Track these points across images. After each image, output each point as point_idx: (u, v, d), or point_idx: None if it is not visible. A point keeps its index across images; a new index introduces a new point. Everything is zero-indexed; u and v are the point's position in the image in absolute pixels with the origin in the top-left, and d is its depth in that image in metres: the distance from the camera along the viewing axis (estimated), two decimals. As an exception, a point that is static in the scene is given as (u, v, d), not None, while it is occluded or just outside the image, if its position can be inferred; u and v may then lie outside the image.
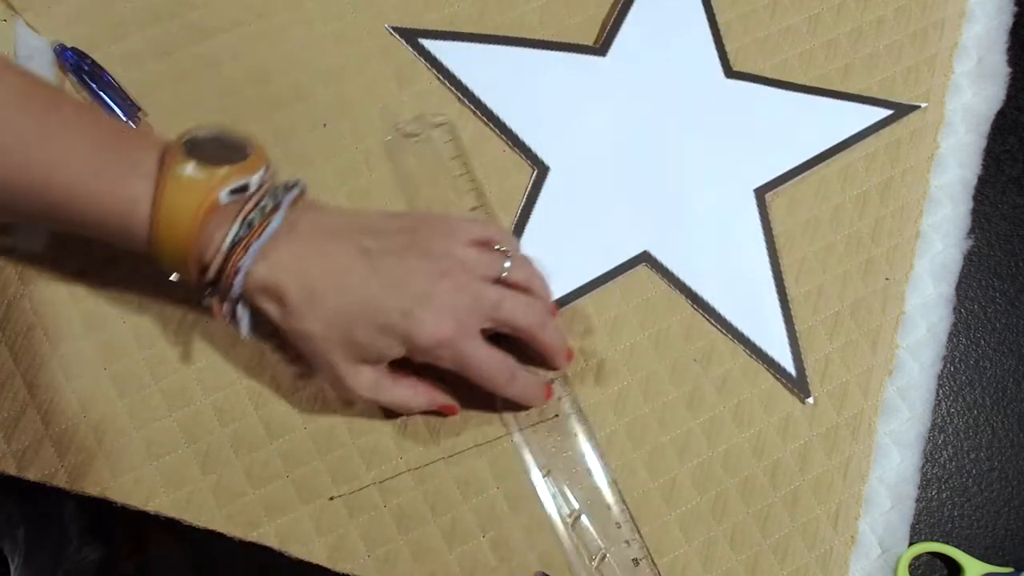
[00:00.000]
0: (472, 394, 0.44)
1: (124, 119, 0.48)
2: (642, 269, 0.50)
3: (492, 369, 0.42)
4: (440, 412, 0.46)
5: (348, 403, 0.46)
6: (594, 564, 0.45)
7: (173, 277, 0.41)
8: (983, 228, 0.54)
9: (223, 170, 0.38)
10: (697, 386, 0.49)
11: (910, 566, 0.48)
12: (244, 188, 0.38)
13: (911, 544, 0.48)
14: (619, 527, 0.46)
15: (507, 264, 0.43)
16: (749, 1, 0.55)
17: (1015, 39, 0.56)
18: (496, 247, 0.43)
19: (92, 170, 0.38)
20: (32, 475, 0.44)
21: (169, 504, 0.44)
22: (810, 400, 0.49)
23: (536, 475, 0.46)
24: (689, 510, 0.47)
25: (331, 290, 0.39)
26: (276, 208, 0.39)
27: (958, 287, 0.52)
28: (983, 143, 0.55)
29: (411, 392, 0.44)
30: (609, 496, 0.46)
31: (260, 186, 0.39)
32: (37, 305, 0.46)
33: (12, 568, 0.51)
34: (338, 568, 0.44)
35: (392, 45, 0.52)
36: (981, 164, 0.54)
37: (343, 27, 0.52)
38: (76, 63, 0.48)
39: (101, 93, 0.48)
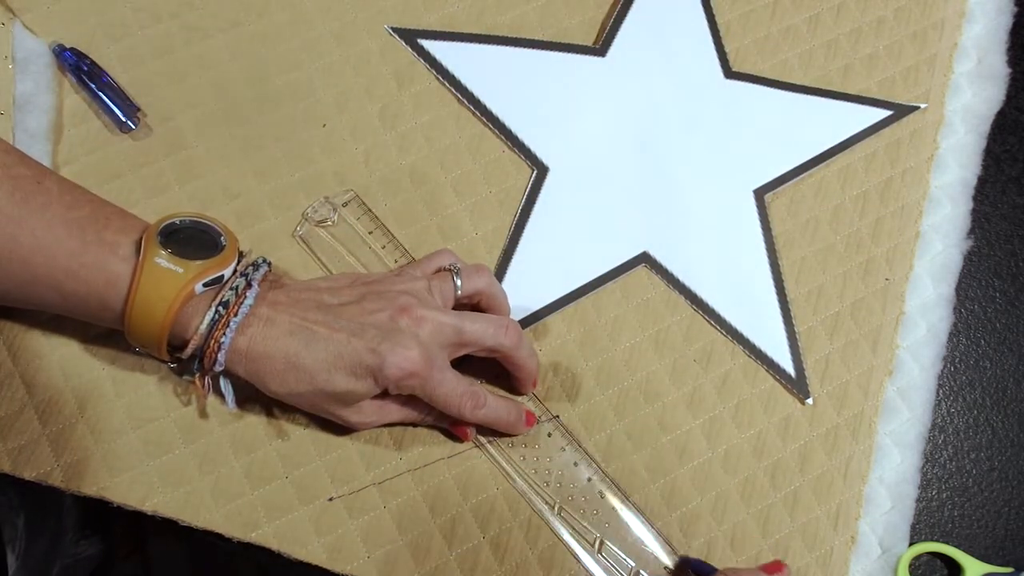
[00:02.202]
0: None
1: (124, 119, 0.48)
2: (641, 270, 0.50)
3: (457, 397, 0.43)
4: (457, 434, 0.47)
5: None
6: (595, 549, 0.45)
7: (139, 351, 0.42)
8: (983, 228, 0.54)
9: (198, 264, 0.40)
10: (697, 387, 0.49)
11: (910, 566, 0.48)
12: (219, 279, 0.41)
13: (911, 544, 0.48)
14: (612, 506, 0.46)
15: (458, 282, 0.44)
16: (749, 1, 0.55)
17: (1015, 40, 0.56)
18: (447, 266, 0.45)
19: (69, 252, 0.39)
20: (28, 474, 0.44)
21: (167, 504, 0.44)
22: (809, 401, 0.49)
23: (521, 485, 0.46)
24: (689, 511, 0.47)
25: (305, 351, 0.40)
26: (248, 285, 0.41)
27: (958, 287, 0.52)
28: (983, 143, 0.55)
29: (413, 409, 0.45)
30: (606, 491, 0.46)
31: (233, 272, 0.41)
32: (36, 305, 0.46)
33: (12, 556, 0.51)
34: (337, 569, 0.44)
35: (391, 45, 0.52)
36: (981, 164, 0.54)
37: (342, 27, 0.52)
38: (75, 63, 0.48)
39: (100, 93, 0.48)
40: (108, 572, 0.61)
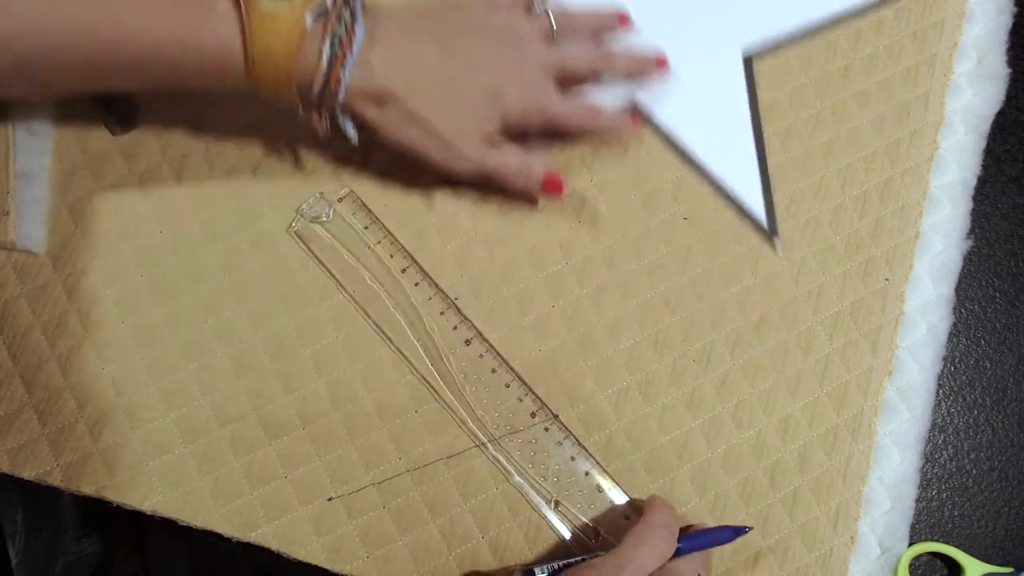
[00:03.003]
0: None
1: (123, 118, 0.48)
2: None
3: (576, 114, 0.47)
4: (547, 189, 0.48)
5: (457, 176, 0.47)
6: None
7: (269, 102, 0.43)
8: (983, 228, 0.54)
9: None
10: (697, 387, 0.49)
11: (910, 566, 0.48)
12: (323, 11, 0.41)
13: (911, 544, 0.48)
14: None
15: (554, 26, 0.48)
16: (748, 1, 0.55)
17: (1015, 40, 0.56)
18: (536, 8, 0.48)
19: (173, 21, 0.40)
20: (27, 474, 0.44)
21: (166, 504, 0.44)
22: (778, 240, 0.50)
23: (519, 482, 0.46)
24: (688, 511, 0.47)
25: (423, 83, 0.43)
26: (354, 18, 0.42)
27: (958, 287, 0.52)
28: (983, 143, 0.54)
29: (518, 157, 0.47)
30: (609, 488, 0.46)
31: (334, 3, 0.41)
32: (35, 305, 0.46)
33: (12, 551, 0.51)
34: (337, 569, 0.44)
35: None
36: (981, 164, 0.54)
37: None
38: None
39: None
40: (109, 571, 0.61)
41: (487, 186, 0.50)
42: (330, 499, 0.45)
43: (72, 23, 0.39)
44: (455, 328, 0.48)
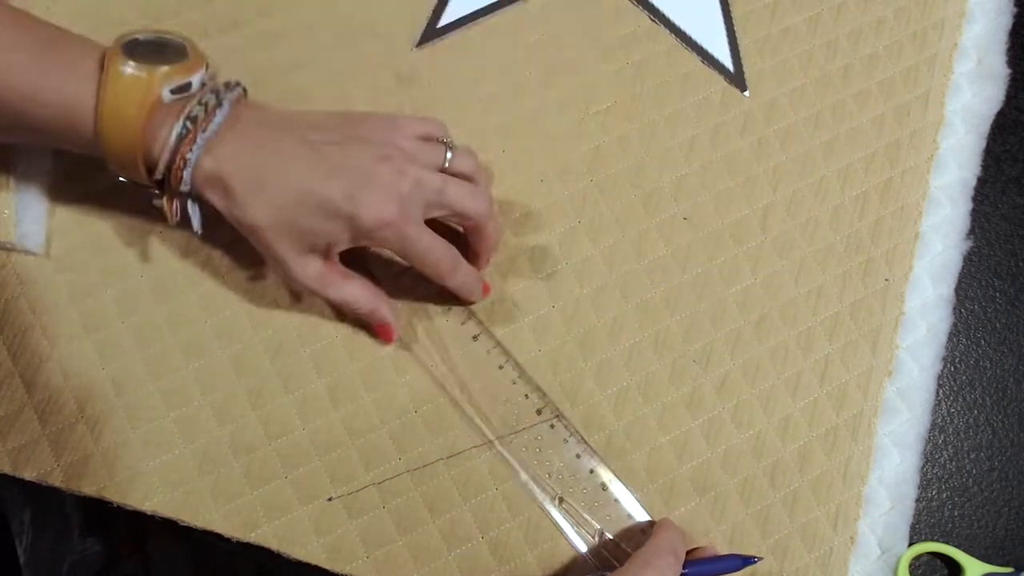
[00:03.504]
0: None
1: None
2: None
3: (436, 255, 0.43)
4: (378, 333, 0.46)
5: (296, 296, 0.46)
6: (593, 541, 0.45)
7: (122, 178, 0.42)
8: (983, 228, 0.54)
9: (163, 68, 0.39)
10: (696, 387, 0.49)
11: (910, 566, 0.48)
12: (186, 87, 0.40)
13: (911, 544, 0.48)
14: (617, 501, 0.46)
15: (449, 155, 0.43)
16: (749, 1, 0.55)
17: (1015, 40, 0.56)
18: (440, 138, 0.44)
19: (34, 73, 0.39)
20: (28, 474, 0.44)
21: (166, 504, 0.44)
22: (746, 94, 0.51)
23: (524, 478, 0.46)
24: (688, 511, 0.47)
25: (275, 179, 0.40)
26: (219, 104, 0.40)
27: (958, 287, 0.52)
28: (983, 144, 0.54)
29: (359, 292, 0.44)
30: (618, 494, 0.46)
31: (202, 85, 0.41)
32: (35, 305, 0.46)
33: (20, 549, 0.51)
34: (337, 569, 0.44)
35: (392, 47, 0.52)
36: (981, 164, 0.54)
37: (344, 30, 0.52)
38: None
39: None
40: (111, 571, 0.61)
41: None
42: (330, 499, 0.45)
43: None
44: (463, 324, 0.48)
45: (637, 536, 0.46)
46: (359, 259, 0.47)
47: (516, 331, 0.48)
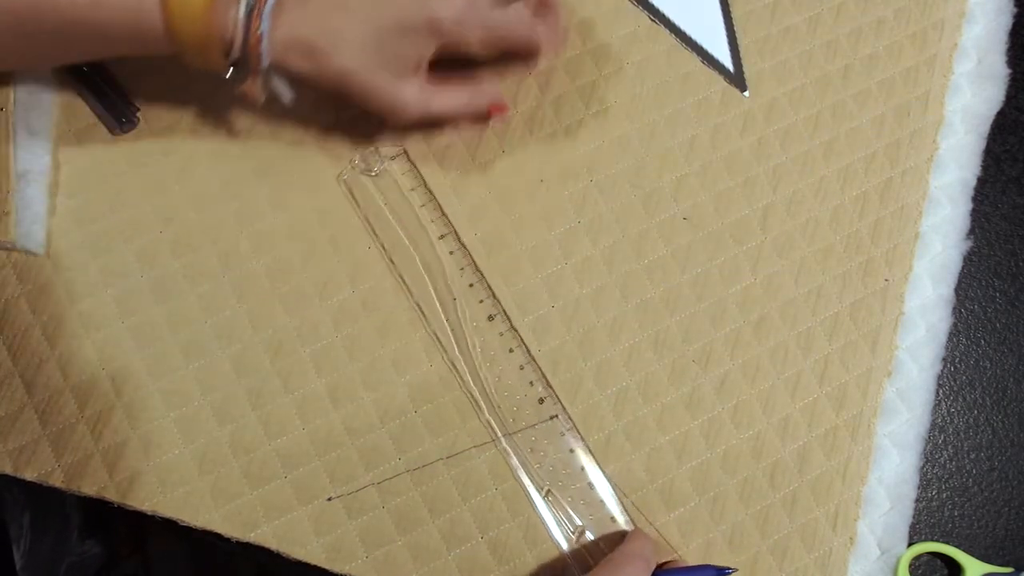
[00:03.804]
0: None
1: (123, 119, 0.48)
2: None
3: (516, 22, 0.44)
4: (492, 113, 0.47)
5: (401, 127, 0.47)
6: (574, 537, 0.45)
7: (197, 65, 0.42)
8: (983, 228, 0.54)
9: None
10: (696, 387, 0.49)
11: (910, 566, 0.48)
12: None
13: (911, 544, 0.48)
14: (612, 520, 0.46)
15: None
16: (749, 1, 0.55)
17: (1015, 40, 0.56)
18: None
19: None
20: (29, 475, 0.44)
21: (166, 504, 0.44)
22: (746, 94, 0.52)
23: (526, 480, 0.46)
24: (688, 511, 0.47)
25: (348, 22, 0.41)
26: None
27: (958, 287, 0.52)
28: (983, 144, 0.54)
29: (459, 92, 0.45)
30: (610, 502, 0.46)
31: None
32: (35, 305, 0.46)
33: (17, 553, 0.51)
34: (336, 569, 0.44)
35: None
36: (981, 164, 0.54)
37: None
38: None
39: (101, 91, 0.48)
40: (111, 571, 0.61)
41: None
42: (330, 499, 0.45)
43: None
44: (481, 301, 0.48)
45: (617, 541, 0.46)
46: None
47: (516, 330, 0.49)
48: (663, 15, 0.54)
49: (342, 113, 0.50)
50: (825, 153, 0.53)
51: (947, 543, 0.48)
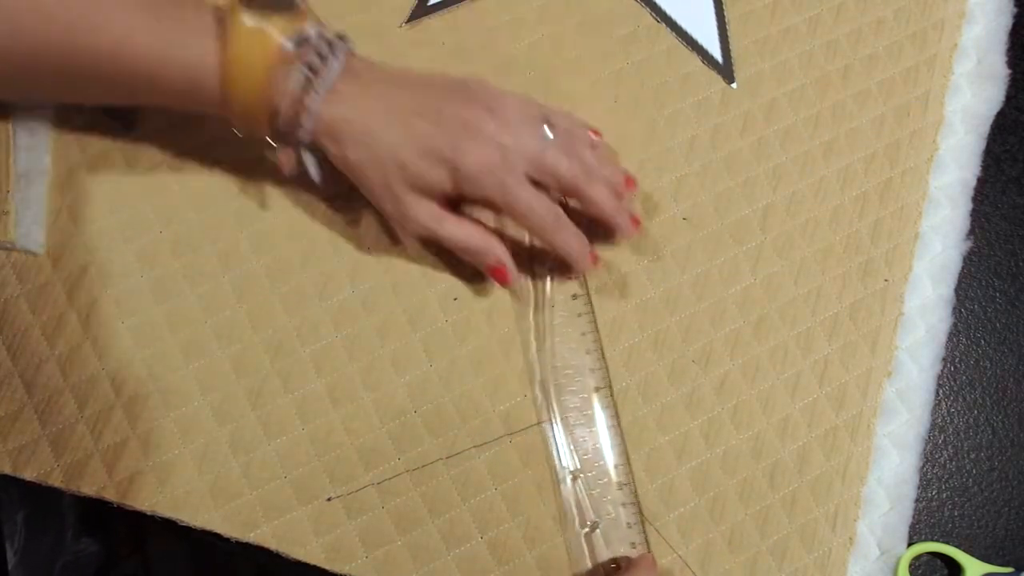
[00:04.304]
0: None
1: (123, 119, 0.48)
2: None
3: (539, 210, 0.43)
4: (493, 275, 0.46)
5: (407, 242, 0.46)
6: (584, 530, 0.45)
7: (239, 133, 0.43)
8: (983, 228, 0.54)
9: (283, 19, 0.40)
10: (696, 387, 0.49)
11: (910, 566, 0.48)
12: (304, 38, 0.41)
13: (911, 544, 0.48)
14: (623, 505, 0.46)
15: (547, 125, 0.44)
16: (749, 1, 0.55)
17: (1015, 40, 0.56)
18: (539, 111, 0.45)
19: (156, 34, 0.40)
20: (28, 474, 0.44)
21: (166, 504, 0.44)
22: (734, 85, 0.52)
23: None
24: (687, 511, 0.47)
25: (388, 126, 0.42)
26: (333, 53, 0.42)
27: (958, 287, 0.52)
28: (983, 144, 0.54)
29: (473, 231, 0.45)
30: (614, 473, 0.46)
31: (316, 35, 0.41)
32: (35, 305, 0.47)
33: (11, 552, 0.51)
34: (336, 569, 0.44)
35: (392, 47, 0.52)
36: (980, 165, 0.54)
37: (345, 28, 0.52)
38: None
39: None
40: (110, 571, 0.61)
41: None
42: (329, 499, 0.45)
43: (49, 25, 0.39)
44: (568, 280, 0.49)
45: (626, 549, 0.46)
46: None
47: (515, 331, 0.48)
48: (661, 10, 0.54)
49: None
50: (825, 153, 0.53)
51: (947, 543, 0.48)
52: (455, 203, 0.45)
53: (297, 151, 0.43)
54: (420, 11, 0.53)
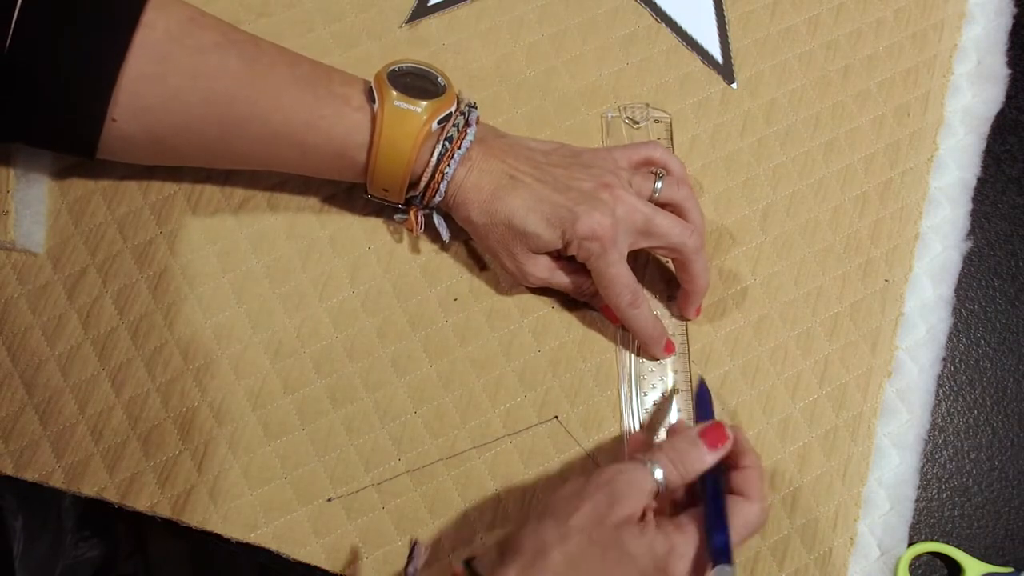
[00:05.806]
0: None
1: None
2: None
3: (623, 283, 0.45)
4: (605, 314, 0.49)
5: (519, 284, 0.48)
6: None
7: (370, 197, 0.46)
8: (983, 228, 0.54)
9: (432, 103, 0.43)
10: (696, 387, 0.49)
11: (910, 566, 0.48)
12: (447, 116, 0.44)
13: (911, 544, 0.48)
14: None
15: (658, 184, 0.46)
16: (749, 2, 0.55)
17: (1014, 41, 0.56)
18: (652, 170, 0.47)
19: (306, 107, 0.43)
20: (29, 476, 0.44)
21: (166, 505, 0.44)
22: (734, 85, 0.52)
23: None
24: (688, 511, 0.47)
25: (513, 192, 0.44)
26: (468, 124, 0.45)
27: (958, 287, 0.52)
28: (983, 144, 0.55)
29: (583, 278, 0.47)
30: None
31: (455, 109, 0.45)
32: (35, 305, 0.46)
33: (16, 554, 0.51)
34: (336, 569, 0.44)
35: (392, 47, 0.52)
36: (981, 165, 0.54)
37: (343, 28, 0.52)
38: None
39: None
40: (111, 572, 0.61)
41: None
42: (329, 500, 0.45)
43: (210, 96, 0.42)
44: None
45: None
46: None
47: (515, 332, 0.48)
48: (661, 10, 0.55)
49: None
50: (825, 153, 0.53)
51: (947, 543, 0.48)
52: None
53: (427, 213, 0.46)
54: (420, 11, 0.53)
